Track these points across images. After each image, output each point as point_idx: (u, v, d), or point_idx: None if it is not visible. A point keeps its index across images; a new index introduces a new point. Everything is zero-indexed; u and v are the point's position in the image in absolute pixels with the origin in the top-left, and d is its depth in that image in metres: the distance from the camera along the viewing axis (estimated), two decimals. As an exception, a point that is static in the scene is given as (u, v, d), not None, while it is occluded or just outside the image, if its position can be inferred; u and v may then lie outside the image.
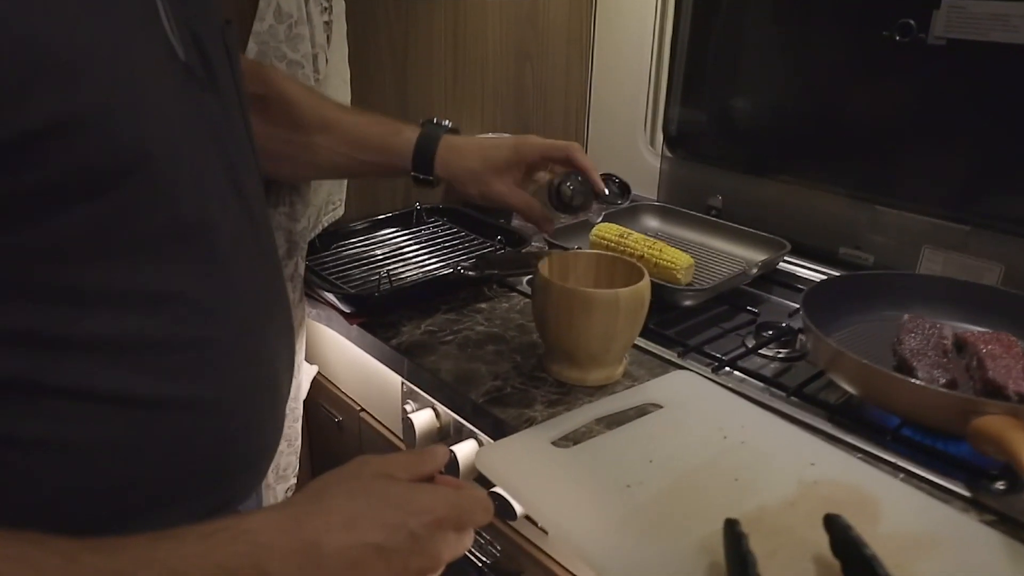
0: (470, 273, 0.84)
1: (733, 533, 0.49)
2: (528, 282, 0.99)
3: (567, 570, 0.74)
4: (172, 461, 0.47)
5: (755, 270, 0.99)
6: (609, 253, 0.87)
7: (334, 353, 1.04)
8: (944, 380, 0.71)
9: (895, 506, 0.58)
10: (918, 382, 0.69)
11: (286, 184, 0.86)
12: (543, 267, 0.74)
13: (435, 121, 0.82)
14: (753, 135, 1.19)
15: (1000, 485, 0.63)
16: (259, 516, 0.41)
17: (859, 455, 0.66)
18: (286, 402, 0.60)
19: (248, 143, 0.56)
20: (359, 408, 1.01)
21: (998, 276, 0.91)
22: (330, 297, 0.90)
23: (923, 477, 0.64)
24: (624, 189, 0.84)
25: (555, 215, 0.83)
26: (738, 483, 0.60)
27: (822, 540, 0.51)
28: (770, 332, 0.90)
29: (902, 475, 0.64)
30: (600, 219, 0.94)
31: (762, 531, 0.54)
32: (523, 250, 1.00)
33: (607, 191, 0.80)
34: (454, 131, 0.82)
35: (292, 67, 0.84)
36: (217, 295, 0.48)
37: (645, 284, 0.72)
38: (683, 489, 0.59)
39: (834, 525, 0.51)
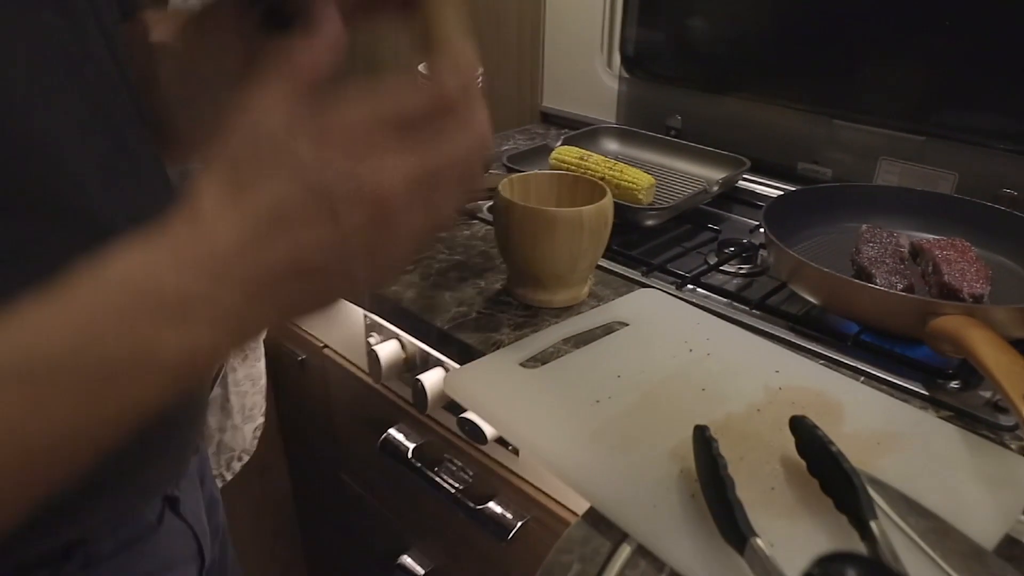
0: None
1: (703, 438, 0.49)
2: (489, 208, 0.97)
3: (539, 489, 0.74)
4: None
5: (715, 188, 0.99)
6: (570, 173, 0.85)
7: (293, 290, 1.02)
8: (902, 285, 0.73)
9: (857, 407, 0.59)
10: (877, 287, 0.71)
11: None
12: (504, 188, 0.73)
13: None
14: (711, 53, 1.17)
15: (955, 384, 0.65)
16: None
17: (821, 361, 0.67)
18: None
19: (116, 70, 0.44)
20: (322, 345, 1.00)
21: (952, 184, 0.93)
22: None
23: (883, 379, 0.65)
24: None
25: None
26: (705, 393, 0.61)
27: (788, 442, 0.52)
28: (731, 249, 0.90)
29: (863, 378, 0.65)
30: None
31: (730, 437, 0.55)
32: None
33: None
34: None
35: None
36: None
37: (608, 201, 0.71)
38: (651, 401, 0.60)
39: (800, 426, 0.51)
